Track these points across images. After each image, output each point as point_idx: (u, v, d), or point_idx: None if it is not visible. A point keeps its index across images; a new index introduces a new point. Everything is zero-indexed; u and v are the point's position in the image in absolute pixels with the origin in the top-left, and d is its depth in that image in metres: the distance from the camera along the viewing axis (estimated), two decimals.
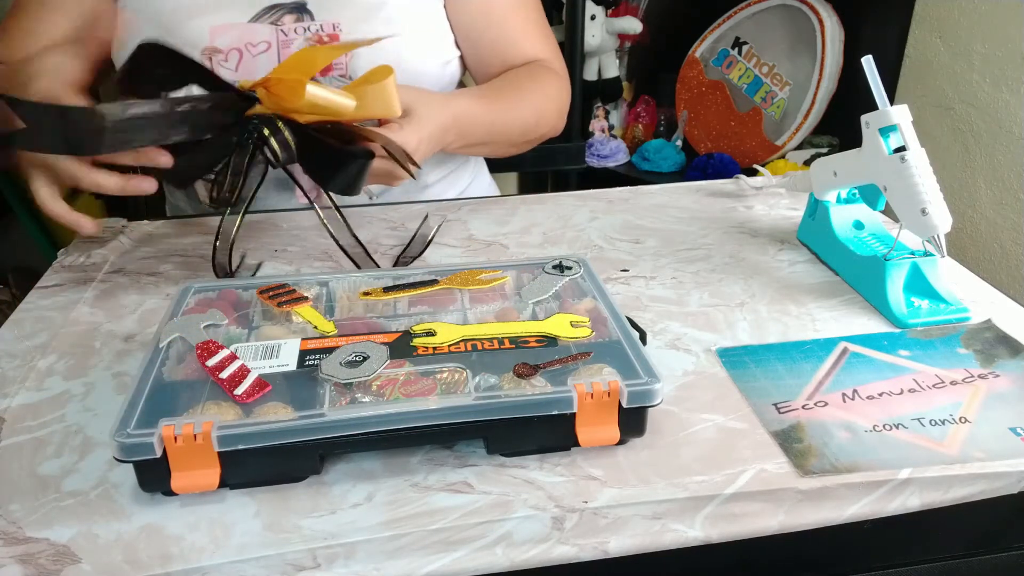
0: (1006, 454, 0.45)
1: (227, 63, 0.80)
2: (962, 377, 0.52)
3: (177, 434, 0.41)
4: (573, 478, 0.44)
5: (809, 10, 1.60)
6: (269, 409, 0.43)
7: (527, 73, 0.89)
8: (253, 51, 0.81)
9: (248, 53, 0.81)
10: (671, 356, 0.55)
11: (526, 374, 0.46)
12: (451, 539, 0.41)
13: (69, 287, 0.67)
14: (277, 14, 0.81)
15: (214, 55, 0.80)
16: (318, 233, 0.76)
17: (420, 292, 0.56)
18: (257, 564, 0.40)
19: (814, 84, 1.60)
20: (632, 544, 0.42)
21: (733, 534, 0.42)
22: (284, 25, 0.81)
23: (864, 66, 0.60)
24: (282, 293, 0.55)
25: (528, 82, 0.88)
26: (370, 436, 0.43)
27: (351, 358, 0.47)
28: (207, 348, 0.48)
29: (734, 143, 1.71)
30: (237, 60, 0.81)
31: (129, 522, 0.42)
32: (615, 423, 0.45)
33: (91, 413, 0.50)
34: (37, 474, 0.45)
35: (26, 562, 0.39)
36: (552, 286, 0.56)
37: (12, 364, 0.56)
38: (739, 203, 0.83)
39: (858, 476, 0.44)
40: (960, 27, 1.40)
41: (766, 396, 0.51)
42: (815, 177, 0.69)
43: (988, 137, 1.38)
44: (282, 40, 0.81)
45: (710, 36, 1.76)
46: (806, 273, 0.67)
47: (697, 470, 0.45)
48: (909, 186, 0.57)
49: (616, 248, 0.73)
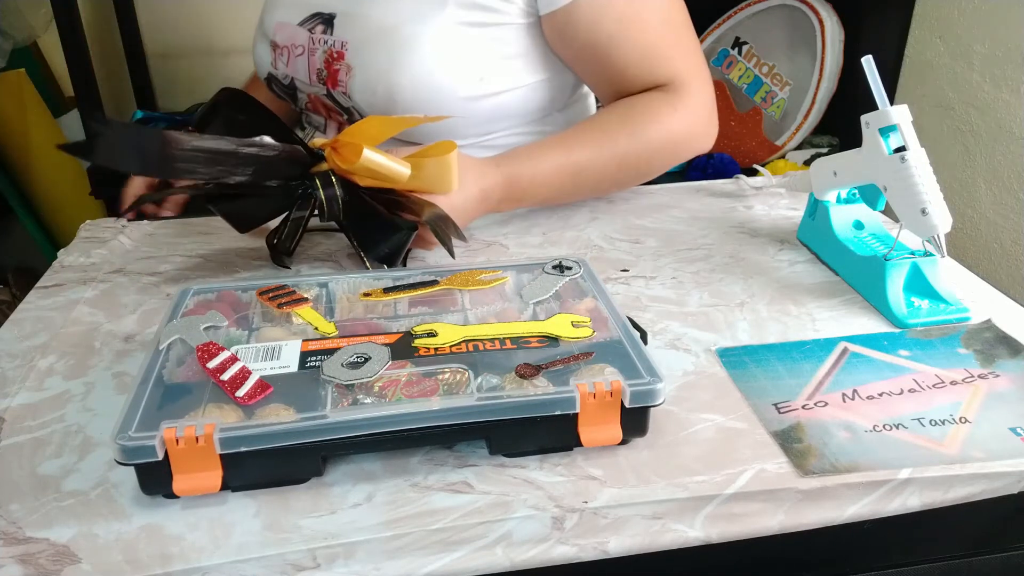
0: (1006, 454, 0.45)
1: (282, 57, 0.86)
2: (962, 377, 0.52)
3: (179, 436, 0.41)
4: (573, 478, 0.44)
5: (809, 10, 1.60)
6: (271, 411, 0.43)
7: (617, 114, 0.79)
8: (295, 52, 0.85)
9: (292, 53, 0.85)
10: (671, 356, 0.55)
11: (528, 374, 0.46)
12: (451, 539, 0.41)
13: (69, 287, 0.67)
14: (315, 22, 0.83)
15: (276, 48, 0.87)
16: (319, 233, 0.76)
17: (420, 293, 0.56)
18: (257, 564, 0.40)
19: (814, 84, 1.60)
20: (632, 544, 0.42)
21: (733, 534, 0.42)
22: (315, 33, 0.83)
23: (864, 66, 0.60)
24: (282, 294, 0.55)
25: (616, 125, 0.78)
26: (373, 437, 0.43)
27: (352, 359, 0.47)
28: (207, 350, 0.48)
29: (734, 143, 1.72)
30: (287, 57, 0.86)
31: (129, 522, 0.42)
32: (617, 423, 0.45)
33: (91, 413, 0.50)
34: (37, 474, 0.45)
35: (26, 562, 0.39)
36: (552, 286, 0.56)
37: (12, 364, 0.56)
38: (739, 203, 0.83)
39: (858, 476, 0.44)
40: (960, 27, 1.40)
41: (766, 396, 0.51)
42: (815, 177, 0.69)
43: (988, 137, 1.38)
44: (311, 47, 0.83)
45: (710, 36, 1.76)
46: (806, 273, 0.67)
47: (697, 470, 0.45)
48: (909, 186, 0.58)
49: (616, 248, 0.73)
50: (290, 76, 0.87)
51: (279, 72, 0.88)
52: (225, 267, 0.71)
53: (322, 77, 0.83)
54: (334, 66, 0.81)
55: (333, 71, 0.82)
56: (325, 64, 0.82)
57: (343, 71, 0.81)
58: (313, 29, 0.83)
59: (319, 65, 0.82)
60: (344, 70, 0.81)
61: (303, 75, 0.85)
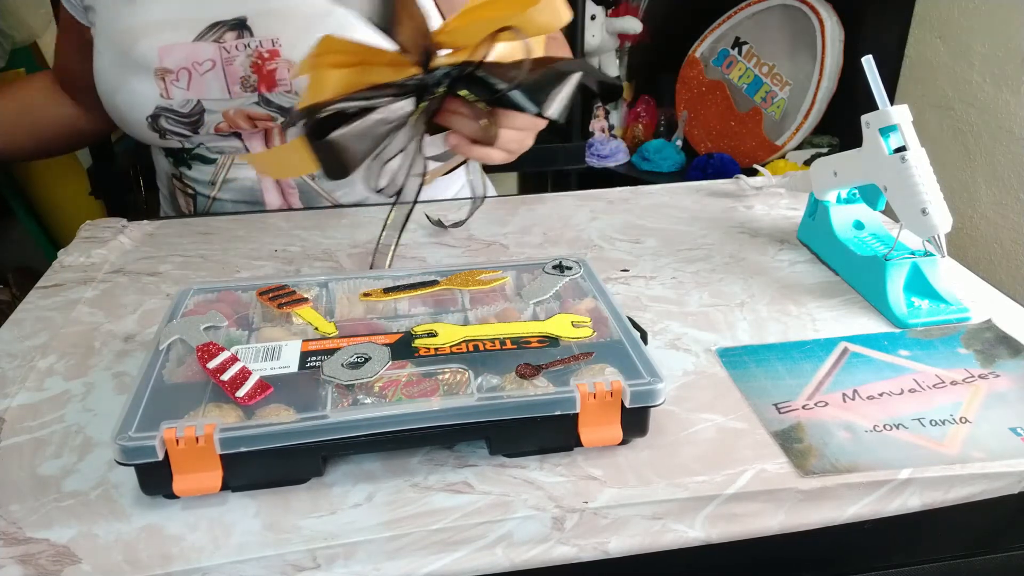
0: (1006, 454, 0.45)
1: (179, 83, 0.80)
2: (962, 377, 0.52)
3: (179, 436, 0.41)
4: (573, 478, 0.44)
5: (809, 10, 1.60)
6: (271, 411, 0.43)
7: None
8: (200, 70, 0.80)
9: (196, 72, 0.80)
10: (671, 356, 0.55)
11: (528, 375, 0.46)
12: (451, 539, 0.41)
13: (69, 287, 0.67)
14: (219, 31, 0.80)
15: (166, 75, 0.80)
16: (319, 233, 0.76)
17: (420, 293, 0.56)
18: (257, 564, 0.40)
19: (814, 84, 1.60)
20: (632, 544, 0.42)
21: (733, 534, 0.42)
22: (226, 43, 0.79)
23: (864, 66, 0.60)
24: (282, 295, 0.55)
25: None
26: (373, 437, 0.43)
27: (353, 359, 0.47)
28: (207, 350, 0.48)
29: (734, 143, 1.72)
30: (187, 79, 0.80)
31: (129, 522, 0.42)
32: (618, 423, 0.45)
33: (91, 413, 0.50)
34: (37, 474, 0.45)
35: (26, 563, 0.39)
36: (552, 286, 0.56)
37: (12, 364, 0.56)
38: (739, 203, 0.83)
39: (858, 476, 0.44)
40: (960, 27, 1.40)
41: (766, 396, 0.51)
42: (815, 177, 0.69)
43: (988, 137, 1.38)
44: (225, 58, 0.80)
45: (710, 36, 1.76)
46: (806, 273, 0.67)
47: (697, 470, 0.45)
48: (909, 186, 0.58)
49: (616, 248, 0.73)
50: (194, 99, 0.81)
51: (175, 101, 0.81)
52: (225, 267, 0.71)
53: (250, 84, 0.80)
54: (267, 67, 0.80)
55: (267, 72, 0.80)
56: (253, 69, 0.80)
57: (281, 68, 0.80)
58: (220, 39, 0.79)
59: (243, 72, 0.80)
60: (283, 67, 0.80)
61: (217, 91, 0.80)
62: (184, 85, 0.80)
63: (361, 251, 0.73)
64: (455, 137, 0.65)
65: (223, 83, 0.80)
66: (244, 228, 0.78)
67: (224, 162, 0.87)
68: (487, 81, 0.59)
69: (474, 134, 0.65)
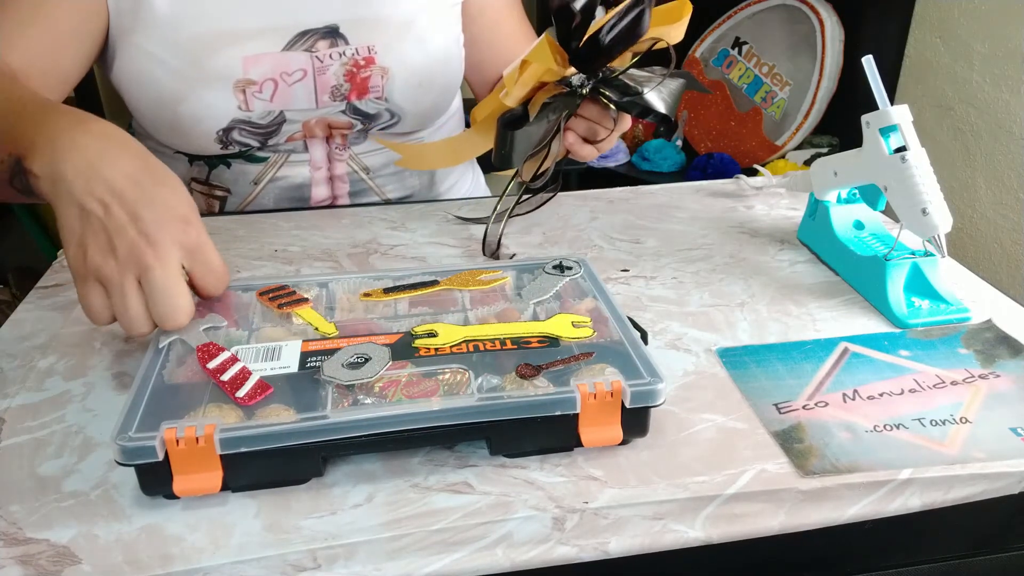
0: (1007, 454, 0.45)
1: (261, 94, 0.77)
2: (963, 377, 0.52)
3: (179, 437, 0.41)
4: (573, 478, 0.44)
5: (809, 10, 1.60)
6: (271, 411, 0.43)
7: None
8: (288, 80, 0.78)
9: (283, 83, 0.78)
10: (671, 356, 0.55)
11: (528, 375, 0.46)
12: (451, 540, 0.41)
13: (69, 287, 0.67)
14: (310, 40, 0.78)
15: (248, 87, 0.76)
16: (319, 233, 0.76)
17: (420, 293, 0.56)
18: (257, 565, 0.40)
19: (814, 84, 1.60)
20: (633, 544, 0.42)
21: (734, 534, 0.42)
22: (319, 51, 0.78)
23: (864, 66, 0.60)
24: (282, 295, 0.55)
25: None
26: (373, 438, 0.43)
27: (353, 360, 0.47)
28: (207, 350, 0.48)
29: (734, 143, 1.72)
30: (272, 91, 0.77)
31: (129, 523, 0.42)
32: (618, 423, 0.45)
33: (91, 413, 0.50)
34: (37, 475, 0.45)
35: (26, 563, 0.39)
36: (552, 286, 0.56)
37: (12, 364, 0.56)
38: (739, 203, 0.83)
39: (859, 476, 0.44)
40: (960, 27, 1.40)
41: (766, 396, 0.51)
42: (815, 177, 0.69)
43: (988, 137, 1.38)
44: (318, 67, 0.78)
45: (710, 36, 1.76)
46: (806, 273, 0.67)
47: (697, 470, 0.45)
48: (909, 186, 0.58)
49: (616, 248, 0.73)
50: (276, 110, 0.79)
51: (255, 113, 0.78)
52: None
53: (340, 92, 0.80)
54: (361, 75, 0.79)
55: (361, 80, 0.80)
56: (347, 77, 0.79)
57: (376, 75, 0.80)
58: (312, 47, 0.78)
59: (335, 81, 0.79)
60: (378, 74, 0.80)
61: (304, 101, 0.79)
62: (268, 96, 0.77)
63: (361, 251, 0.73)
64: (573, 136, 0.73)
65: (312, 93, 0.79)
66: (244, 228, 0.78)
67: (276, 160, 0.84)
68: (627, 85, 0.68)
69: (587, 134, 0.73)
